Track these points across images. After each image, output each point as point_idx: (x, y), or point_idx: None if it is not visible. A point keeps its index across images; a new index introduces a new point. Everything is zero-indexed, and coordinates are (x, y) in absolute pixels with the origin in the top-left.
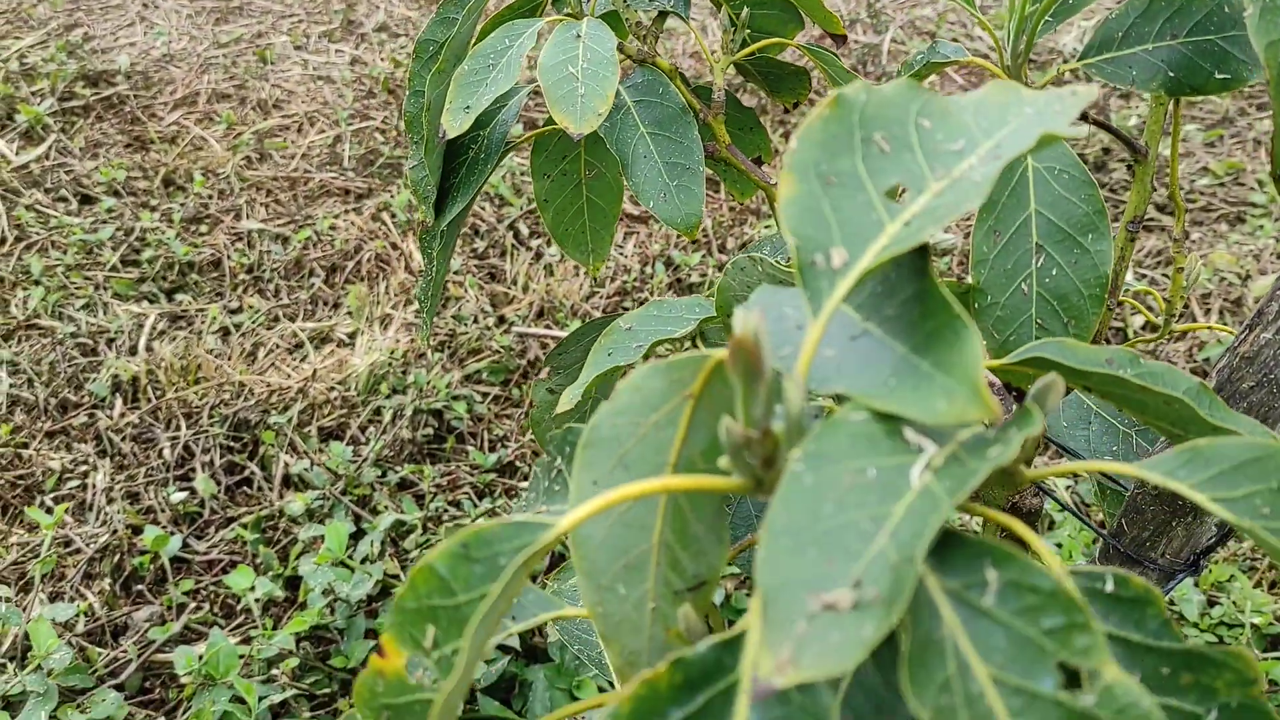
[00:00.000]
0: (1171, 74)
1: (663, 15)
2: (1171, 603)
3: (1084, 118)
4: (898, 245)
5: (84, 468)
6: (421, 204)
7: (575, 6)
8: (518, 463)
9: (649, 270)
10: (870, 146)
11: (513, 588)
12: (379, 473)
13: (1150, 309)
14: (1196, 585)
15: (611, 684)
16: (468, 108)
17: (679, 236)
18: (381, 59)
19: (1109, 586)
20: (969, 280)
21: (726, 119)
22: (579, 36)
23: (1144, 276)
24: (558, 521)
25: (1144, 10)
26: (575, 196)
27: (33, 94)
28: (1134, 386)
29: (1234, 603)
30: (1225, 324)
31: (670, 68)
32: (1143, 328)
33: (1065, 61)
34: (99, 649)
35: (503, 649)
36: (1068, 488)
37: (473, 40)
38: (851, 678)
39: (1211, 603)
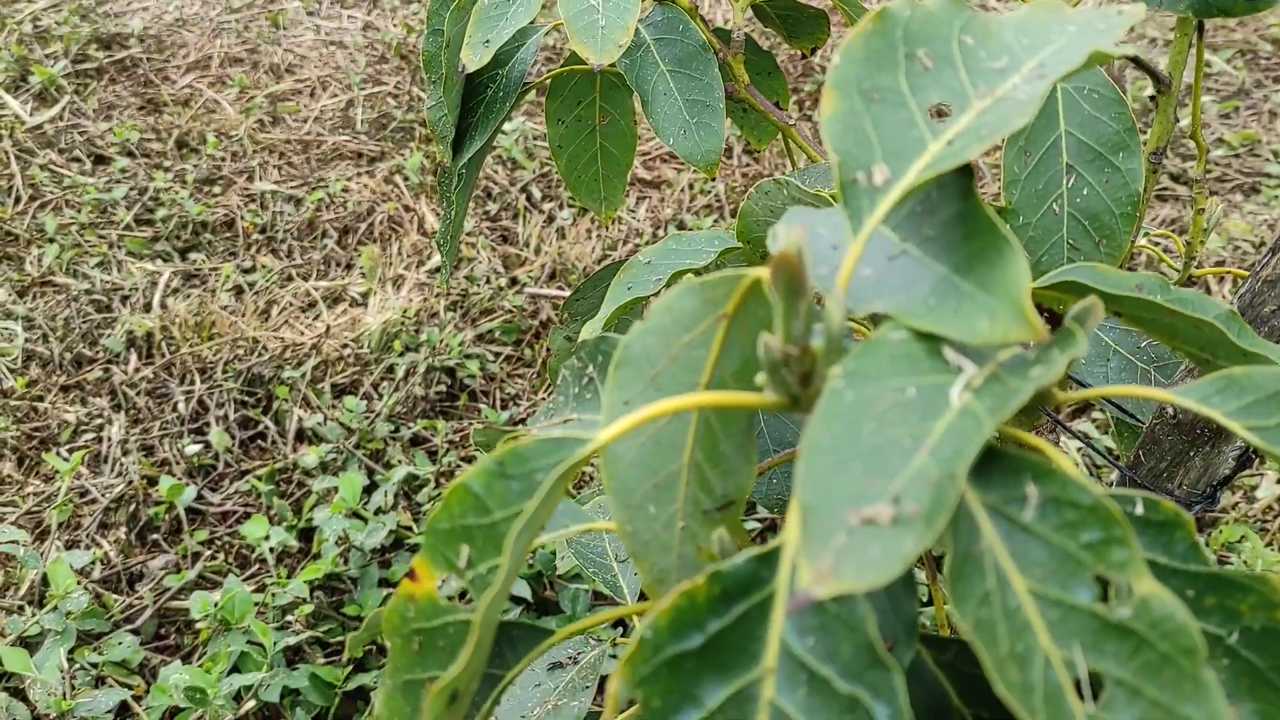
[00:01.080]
0: None
1: None
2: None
3: None
4: (941, 164)
5: (99, 421)
6: (439, 143)
7: None
8: (530, 420)
9: (661, 234)
10: (913, 63)
11: (550, 502)
12: (392, 428)
13: (1169, 253)
14: (1208, 545)
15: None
16: (487, 41)
17: (692, 200)
18: (394, 24)
19: (1139, 509)
20: (1000, 202)
21: (745, 62)
22: None
23: (1158, 244)
24: (594, 436)
25: None
26: (589, 143)
27: (46, 56)
28: (1165, 310)
29: (1245, 562)
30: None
31: (690, 6)
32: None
33: None
34: (116, 595)
35: (515, 599)
36: (1081, 433)
37: None
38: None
39: (1222, 562)
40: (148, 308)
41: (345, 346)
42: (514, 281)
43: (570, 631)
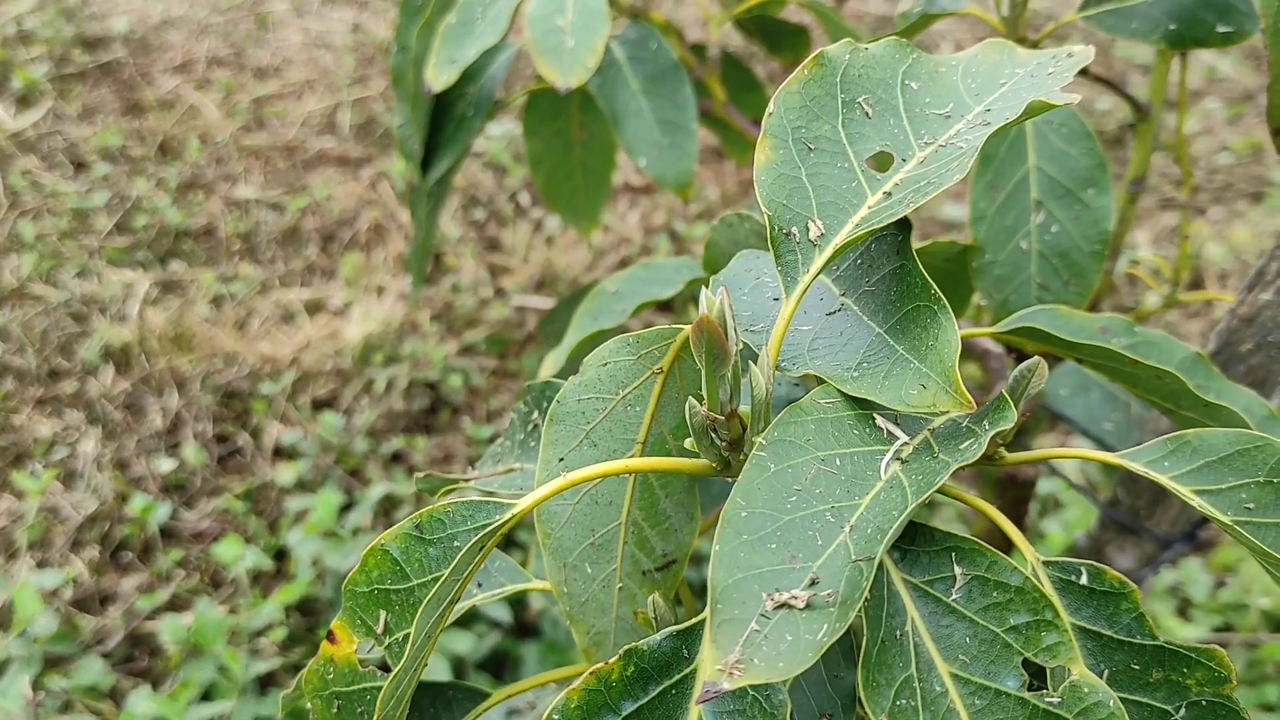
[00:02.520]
0: (1173, 26)
1: None
2: (1179, 586)
3: (1084, 73)
4: (877, 218)
5: (74, 435)
6: (408, 161)
7: None
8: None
9: (652, 242)
10: (853, 110)
11: (465, 572)
12: (371, 444)
13: (1160, 278)
14: (1206, 567)
15: None
16: (453, 61)
17: (685, 207)
18: (383, 25)
19: (1083, 579)
20: (967, 239)
21: (725, 78)
22: None
23: (1144, 265)
24: (516, 504)
25: None
26: (568, 157)
27: (30, 59)
28: (1125, 360)
29: (1242, 585)
30: None
31: (664, 22)
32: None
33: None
34: (87, 615)
35: (493, 623)
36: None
37: None
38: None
39: (1220, 584)
40: (125, 318)
41: (325, 359)
42: (500, 292)
43: (507, 694)
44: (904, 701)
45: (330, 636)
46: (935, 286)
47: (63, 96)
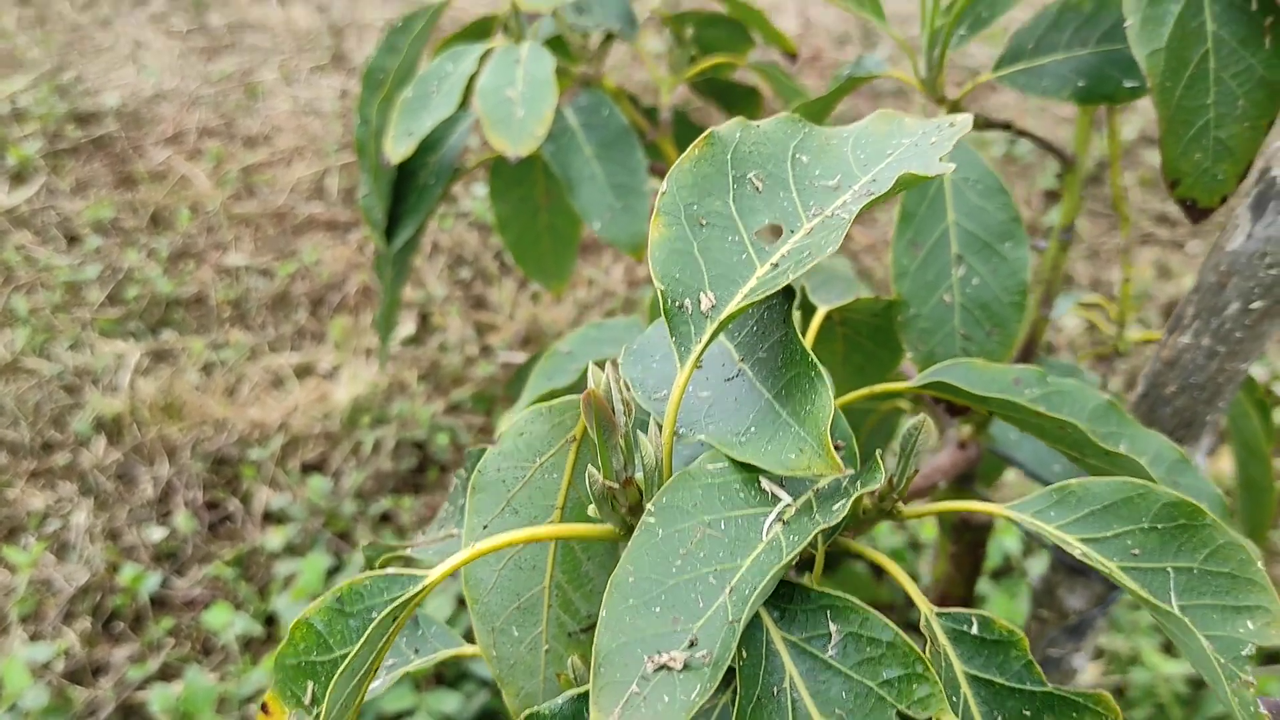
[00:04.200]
0: (1081, 83)
1: (609, 37)
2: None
3: (1008, 127)
4: (764, 288)
5: (66, 506)
6: (373, 230)
7: (517, 31)
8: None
9: (636, 294)
10: (744, 186)
11: (378, 643)
12: (360, 505)
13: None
14: None
15: None
16: (410, 133)
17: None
18: None
19: (974, 629)
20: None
21: (678, 136)
22: (518, 61)
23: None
24: (428, 575)
25: (1054, 20)
26: (534, 221)
27: (24, 136)
28: (1029, 412)
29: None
30: None
31: (616, 89)
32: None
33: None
34: (79, 688)
35: (482, 682)
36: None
37: (418, 67)
38: None
39: None
40: (116, 389)
41: (314, 422)
42: (486, 349)
43: None
44: None
45: (264, 708)
46: (812, 354)
47: (56, 172)
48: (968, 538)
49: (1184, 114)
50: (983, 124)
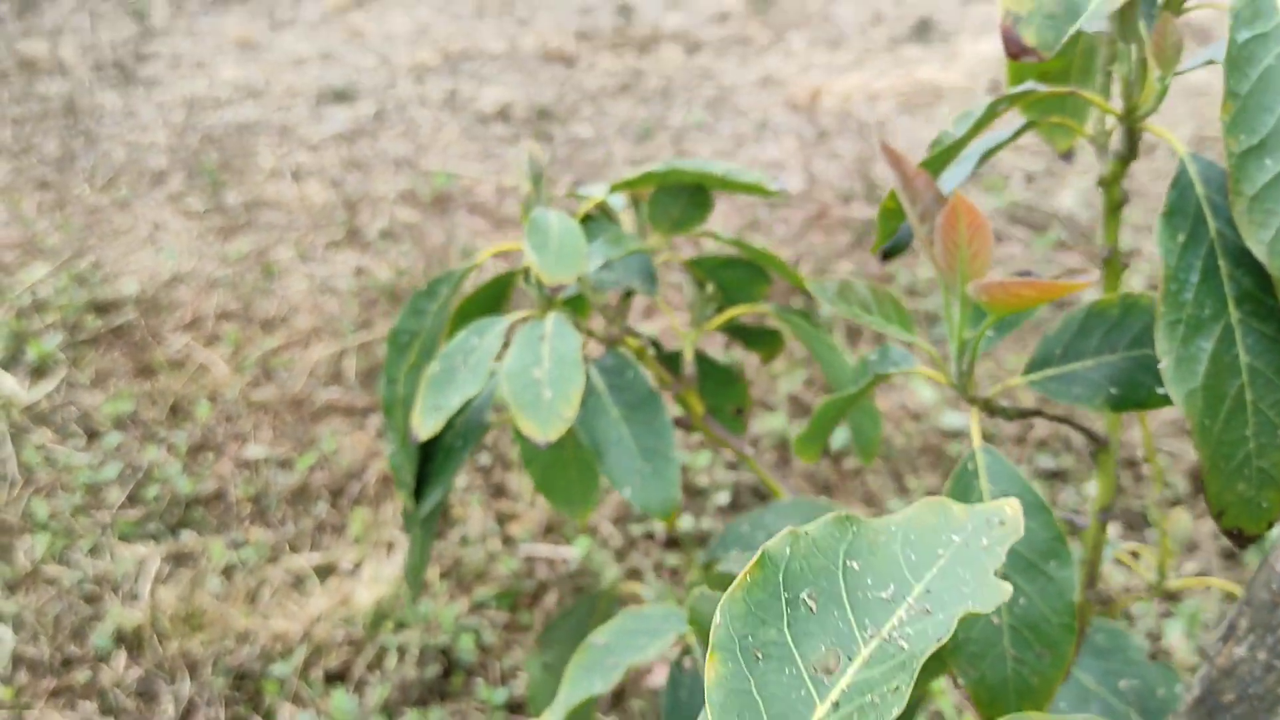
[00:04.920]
0: (1114, 390)
1: (629, 294)
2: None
3: (1038, 414)
4: None
5: None
6: (401, 490)
7: (540, 301)
8: (528, 704)
9: None
10: (797, 609)
11: None
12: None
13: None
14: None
15: None
16: (438, 408)
17: (688, 437)
18: (384, 267)
19: None
20: None
21: (703, 377)
22: (543, 338)
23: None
24: None
25: (1080, 326)
26: (560, 455)
27: (45, 327)
28: None
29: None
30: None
31: (639, 347)
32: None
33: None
34: None
35: None
36: None
37: (443, 333)
38: None
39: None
40: (137, 598)
41: (337, 628)
42: (508, 540)
43: None
44: None
45: None
46: None
47: (75, 364)
48: None
49: (1225, 448)
50: (1015, 415)
